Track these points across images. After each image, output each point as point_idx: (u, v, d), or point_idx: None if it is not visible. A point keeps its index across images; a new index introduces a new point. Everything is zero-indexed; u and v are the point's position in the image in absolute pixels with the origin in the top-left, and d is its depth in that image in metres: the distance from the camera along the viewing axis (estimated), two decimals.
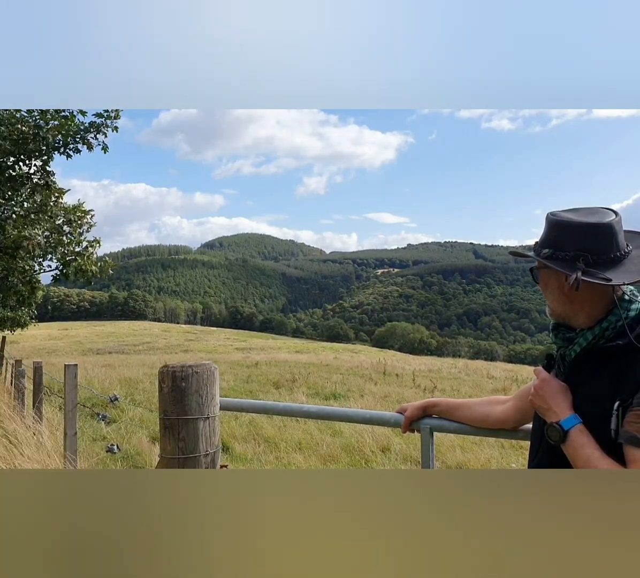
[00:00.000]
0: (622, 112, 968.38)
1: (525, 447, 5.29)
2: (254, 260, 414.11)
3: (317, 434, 7.46)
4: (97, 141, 7.12)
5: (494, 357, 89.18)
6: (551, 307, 1.38)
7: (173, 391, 1.71)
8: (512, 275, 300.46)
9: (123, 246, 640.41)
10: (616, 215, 1.29)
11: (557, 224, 1.29)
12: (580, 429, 1.21)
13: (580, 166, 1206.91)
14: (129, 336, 78.36)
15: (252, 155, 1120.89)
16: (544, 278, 1.37)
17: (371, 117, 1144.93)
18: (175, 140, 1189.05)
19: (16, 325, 15.52)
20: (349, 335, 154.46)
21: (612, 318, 1.26)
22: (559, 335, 1.36)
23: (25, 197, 7.61)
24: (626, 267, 1.25)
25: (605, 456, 1.15)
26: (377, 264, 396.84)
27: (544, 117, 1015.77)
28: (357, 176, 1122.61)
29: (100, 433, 7.45)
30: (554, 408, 1.27)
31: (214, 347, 56.21)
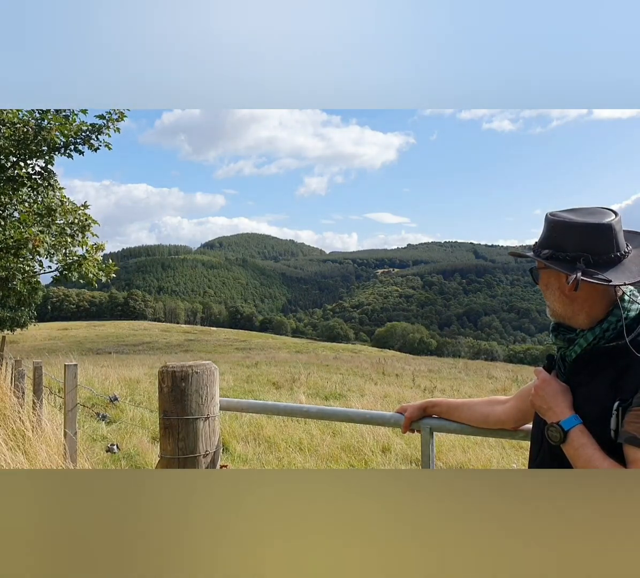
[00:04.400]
0: (622, 113, 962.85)
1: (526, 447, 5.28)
2: (254, 260, 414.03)
3: (318, 434, 7.46)
4: (98, 142, 7.13)
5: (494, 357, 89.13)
6: (552, 307, 1.37)
7: (173, 391, 1.71)
8: (512, 275, 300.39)
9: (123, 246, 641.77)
10: (616, 215, 1.29)
11: (557, 224, 1.29)
12: (580, 430, 1.21)
13: (580, 167, 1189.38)
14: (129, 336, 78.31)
15: (253, 155, 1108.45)
16: (545, 278, 1.36)
17: (373, 118, 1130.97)
18: (178, 140, 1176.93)
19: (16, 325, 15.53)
20: (349, 335, 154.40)
21: (612, 318, 1.26)
22: (559, 335, 1.36)
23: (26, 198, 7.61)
24: (626, 267, 1.24)
25: (605, 456, 1.15)
26: (377, 264, 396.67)
27: (545, 119, 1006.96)
28: (358, 176, 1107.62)
29: (100, 433, 7.44)
30: (554, 409, 1.27)
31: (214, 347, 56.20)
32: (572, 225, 1.26)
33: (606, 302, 1.28)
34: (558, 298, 1.33)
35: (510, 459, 6.35)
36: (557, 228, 1.28)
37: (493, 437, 2.44)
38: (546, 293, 1.37)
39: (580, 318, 1.30)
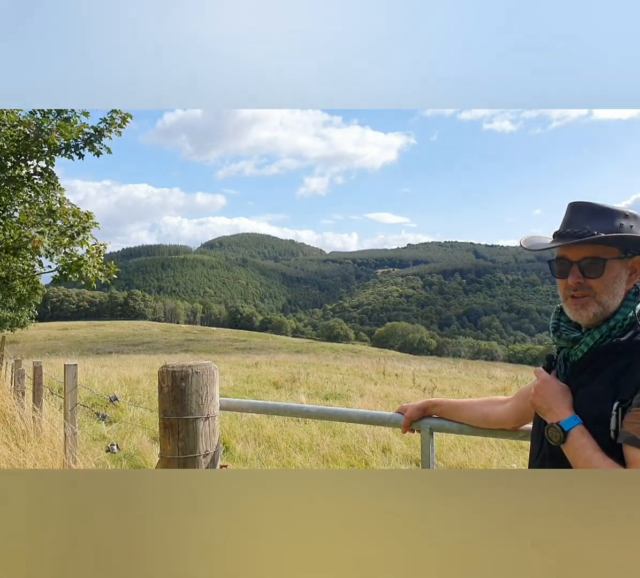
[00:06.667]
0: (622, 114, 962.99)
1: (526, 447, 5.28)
2: (254, 260, 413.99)
3: (318, 434, 7.46)
4: (100, 145, 7.14)
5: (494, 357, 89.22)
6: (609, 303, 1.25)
7: (173, 391, 1.71)
8: (512, 275, 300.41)
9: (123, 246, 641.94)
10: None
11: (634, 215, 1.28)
12: (580, 430, 1.20)
13: (580, 167, 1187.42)
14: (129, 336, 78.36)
15: (254, 156, 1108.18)
16: (617, 269, 1.25)
17: (374, 118, 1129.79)
18: (179, 141, 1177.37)
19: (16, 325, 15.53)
20: (349, 335, 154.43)
21: (619, 317, 1.26)
22: (562, 335, 1.35)
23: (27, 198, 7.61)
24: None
25: (605, 457, 1.15)
26: (377, 264, 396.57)
27: (545, 119, 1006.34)
28: (359, 177, 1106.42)
29: (100, 433, 7.44)
30: (554, 409, 1.27)
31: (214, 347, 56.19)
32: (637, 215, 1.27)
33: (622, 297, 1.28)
34: (621, 291, 1.26)
35: (510, 459, 6.35)
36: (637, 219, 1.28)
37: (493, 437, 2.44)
38: (611, 287, 1.25)
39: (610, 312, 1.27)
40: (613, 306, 1.26)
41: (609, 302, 1.25)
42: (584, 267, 1.25)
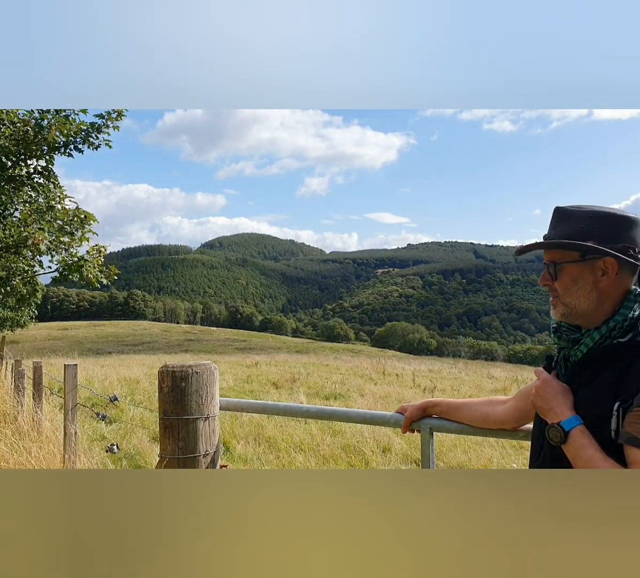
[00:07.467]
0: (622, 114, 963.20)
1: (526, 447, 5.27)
2: (254, 260, 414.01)
3: (318, 434, 7.46)
4: (98, 140, 7.14)
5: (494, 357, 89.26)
6: (573, 304, 1.30)
7: (173, 391, 1.71)
8: (512, 275, 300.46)
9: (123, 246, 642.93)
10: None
11: (599, 216, 1.28)
12: (581, 430, 1.20)
13: (579, 167, 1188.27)
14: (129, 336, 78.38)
15: (255, 156, 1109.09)
16: (575, 272, 1.29)
17: (374, 119, 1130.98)
18: (179, 141, 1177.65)
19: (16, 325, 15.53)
20: (349, 335, 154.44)
21: (618, 317, 1.26)
22: (562, 336, 1.35)
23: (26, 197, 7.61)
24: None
25: (606, 457, 1.15)
26: (377, 264, 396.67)
27: (545, 119, 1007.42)
28: (359, 177, 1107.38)
29: (100, 433, 7.44)
30: (554, 409, 1.27)
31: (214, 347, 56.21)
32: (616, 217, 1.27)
33: (618, 299, 1.28)
34: (588, 293, 1.29)
35: (511, 459, 6.35)
36: (599, 220, 1.27)
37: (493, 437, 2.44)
38: (572, 290, 1.30)
39: (597, 315, 1.29)
40: (582, 307, 1.30)
41: (574, 303, 1.30)
42: (550, 270, 1.35)
